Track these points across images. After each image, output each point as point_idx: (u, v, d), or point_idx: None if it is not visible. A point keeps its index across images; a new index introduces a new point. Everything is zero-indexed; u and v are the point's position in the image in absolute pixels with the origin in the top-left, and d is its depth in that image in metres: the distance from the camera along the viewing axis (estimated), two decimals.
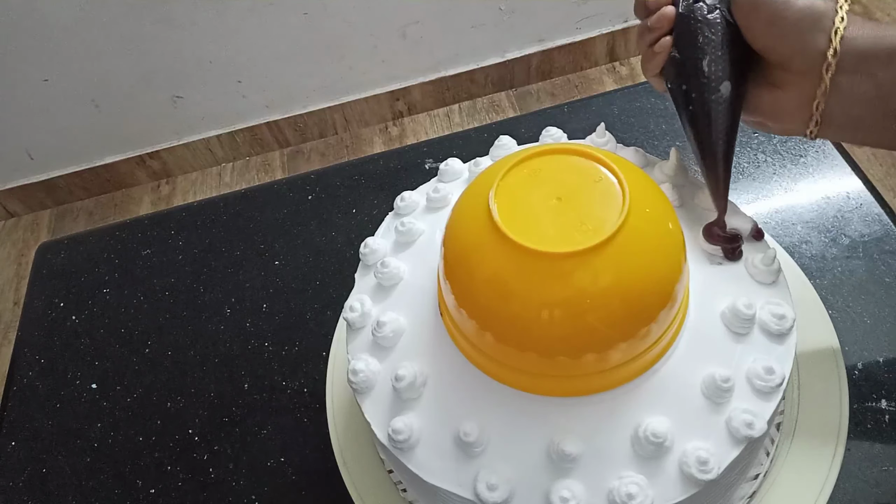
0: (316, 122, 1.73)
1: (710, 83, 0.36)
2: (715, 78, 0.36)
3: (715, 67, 0.35)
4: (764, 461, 0.44)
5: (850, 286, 0.54)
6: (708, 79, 0.36)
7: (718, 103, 0.36)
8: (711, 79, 0.36)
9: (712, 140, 0.37)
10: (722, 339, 0.38)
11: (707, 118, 0.36)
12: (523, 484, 0.35)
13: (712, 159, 0.38)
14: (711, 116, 0.36)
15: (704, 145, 0.37)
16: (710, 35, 0.35)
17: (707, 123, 0.37)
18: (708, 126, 0.37)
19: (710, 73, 0.36)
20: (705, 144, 0.37)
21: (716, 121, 0.36)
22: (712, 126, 0.36)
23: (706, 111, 0.36)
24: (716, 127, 0.36)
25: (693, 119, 0.37)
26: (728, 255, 0.40)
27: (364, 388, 0.39)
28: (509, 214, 0.34)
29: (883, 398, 0.48)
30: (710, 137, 0.37)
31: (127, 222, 0.71)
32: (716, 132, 0.36)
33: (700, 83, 0.36)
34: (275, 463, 0.53)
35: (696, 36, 0.36)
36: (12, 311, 1.57)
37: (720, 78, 0.36)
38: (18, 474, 0.55)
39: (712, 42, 0.35)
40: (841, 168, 0.62)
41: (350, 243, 0.64)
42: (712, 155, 0.37)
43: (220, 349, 0.60)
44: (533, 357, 0.35)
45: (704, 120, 0.37)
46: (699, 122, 0.37)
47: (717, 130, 0.36)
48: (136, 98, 1.58)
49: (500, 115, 1.73)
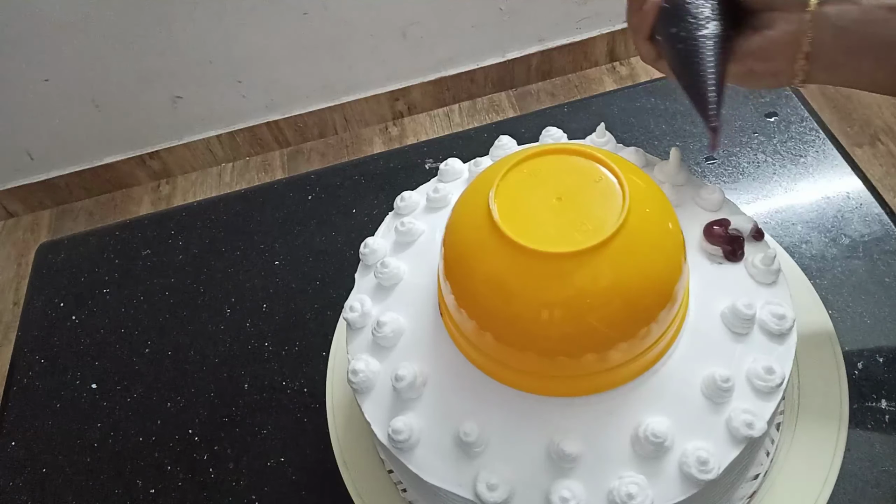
0: (316, 122, 1.73)
1: (698, 22, 0.37)
2: (703, 18, 0.37)
3: (703, 8, 0.37)
4: (764, 461, 0.44)
5: (850, 286, 0.54)
6: (696, 18, 0.37)
7: (707, 38, 0.37)
8: (700, 18, 0.37)
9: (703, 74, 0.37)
10: (722, 339, 0.38)
11: (697, 54, 0.38)
12: (523, 484, 0.34)
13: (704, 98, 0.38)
14: (701, 52, 0.37)
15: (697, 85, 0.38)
16: None
17: (697, 59, 0.38)
18: (698, 62, 0.38)
19: (699, 13, 0.37)
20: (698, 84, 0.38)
21: (705, 55, 0.37)
22: (702, 61, 0.37)
23: (696, 47, 0.37)
24: (705, 61, 0.37)
25: (683, 57, 0.38)
26: (729, 256, 0.41)
27: (364, 388, 0.39)
28: (509, 214, 0.34)
29: (883, 398, 0.48)
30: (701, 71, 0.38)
31: (127, 222, 0.71)
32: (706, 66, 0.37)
33: (689, 23, 0.38)
34: (275, 463, 0.53)
35: None
36: (12, 311, 1.57)
37: (708, 18, 0.37)
38: (18, 474, 0.55)
39: None
40: (841, 168, 0.62)
41: (350, 243, 0.64)
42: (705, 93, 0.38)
43: (220, 349, 0.60)
44: (533, 357, 0.35)
45: (694, 56, 0.38)
46: (689, 59, 0.38)
47: (707, 64, 0.37)
48: (136, 98, 1.58)
49: (500, 115, 1.73)
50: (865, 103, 1.60)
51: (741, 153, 0.64)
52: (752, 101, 0.68)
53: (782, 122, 0.66)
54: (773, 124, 0.66)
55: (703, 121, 0.38)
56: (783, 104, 0.67)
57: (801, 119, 0.66)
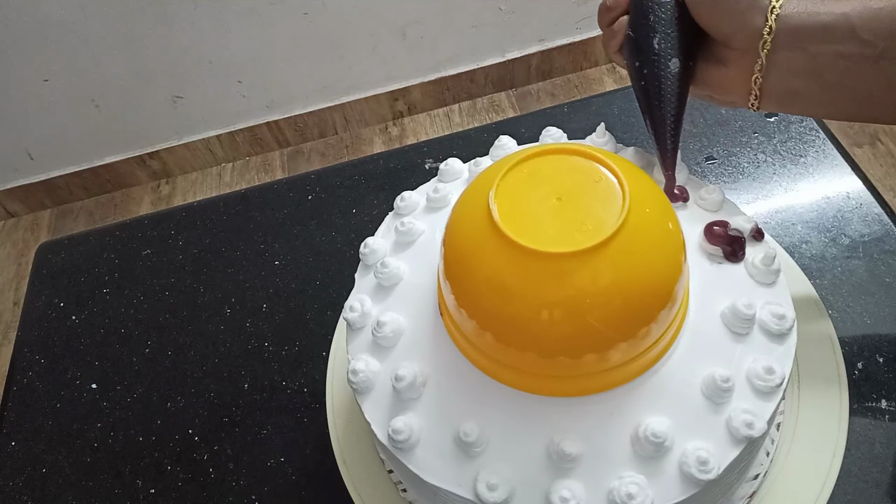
0: (316, 122, 1.73)
1: (659, 59, 0.38)
2: (664, 54, 0.38)
3: (665, 45, 0.38)
4: (764, 461, 0.44)
5: (850, 286, 0.54)
6: (658, 55, 0.38)
7: (667, 78, 0.38)
8: (661, 55, 0.38)
9: (662, 112, 0.39)
10: (722, 339, 0.38)
11: (658, 91, 0.39)
12: (523, 484, 0.34)
13: (661, 129, 0.40)
14: (661, 90, 0.39)
15: (655, 116, 0.40)
16: (661, 14, 0.38)
17: (658, 96, 0.39)
18: (658, 99, 0.39)
19: (660, 49, 0.38)
20: (655, 116, 0.40)
21: (665, 94, 0.39)
22: (662, 99, 0.39)
23: (657, 85, 0.39)
24: (665, 99, 0.39)
25: (645, 92, 0.40)
26: (730, 256, 0.40)
27: (364, 388, 0.39)
28: (509, 214, 0.34)
29: (883, 398, 0.48)
30: (660, 109, 0.39)
31: (127, 222, 0.71)
32: (665, 104, 0.39)
33: (651, 59, 0.39)
34: (275, 463, 0.53)
35: (648, 15, 0.38)
36: (12, 311, 1.57)
37: (669, 55, 0.38)
38: (18, 474, 0.55)
39: (662, 21, 0.38)
40: (841, 168, 0.62)
41: (350, 243, 0.64)
42: (662, 125, 0.40)
43: (220, 349, 0.60)
44: (533, 357, 0.35)
45: (655, 93, 0.39)
46: (650, 95, 0.39)
47: (667, 103, 0.39)
48: (136, 98, 1.58)
49: (500, 115, 1.73)
50: None
51: (741, 153, 0.64)
52: None
53: (782, 122, 0.66)
54: (773, 124, 0.66)
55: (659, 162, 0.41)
56: None
57: (801, 119, 0.66)
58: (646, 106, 0.40)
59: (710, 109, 0.68)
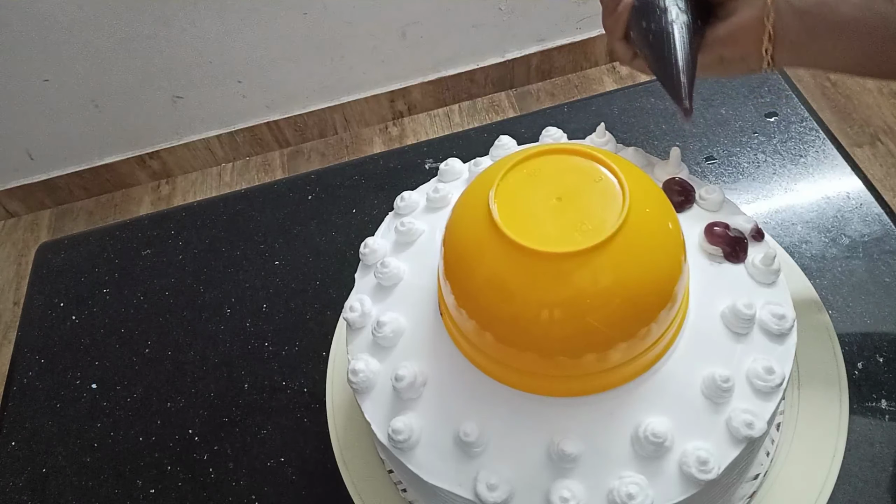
0: (316, 122, 1.73)
1: (667, 13, 0.39)
2: (672, 11, 0.39)
3: (670, 3, 0.39)
4: (764, 461, 0.44)
5: (850, 286, 0.54)
6: (665, 10, 0.39)
7: (675, 26, 0.39)
8: (668, 10, 0.39)
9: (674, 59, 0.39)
10: (722, 339, 0.38)
11: (668, 42, 0.39)
12: (523, 484, 0.34)
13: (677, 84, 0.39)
14: (671, 39, 0.39)
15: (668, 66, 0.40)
16: None
17: (668, 46, 0.39)
18: (669, 48, 0.39)
19: (668, 6, 0.39)
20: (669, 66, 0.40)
21: (675, 42, 0.39)
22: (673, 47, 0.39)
23: (666, 36, 0.39)
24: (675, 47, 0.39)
25: (655, 47, 0.40)
26: (730, 257, 0.40)
27: (364, 388, 0.39)
28: (509, 214, 0.34)
29: (883, 398, 0.48)
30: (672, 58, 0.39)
31: (127, 222, 0.71)
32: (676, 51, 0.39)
33: (658, 16, 0.40)
34: (275, 463, 0.53)
35: None
36: (12, 311, 1.57)
37: (677, 10, 0.39)
38: (18, 474, 0.55)
39: None
40: (841, 168, 0.62)
41: (350, 243, 0.64)
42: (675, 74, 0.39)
43: (220, 349, 0.60)
44: (533, 357, 0.35)
45: (665, 44, 0.39)
46: (661, 47, 0.40)
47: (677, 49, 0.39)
48: (136, 98, 1.58)
49: (500, 115, 1.73)
50: (865, 103, 1.60)
51: (741, 153, 0.64)
52: (752, 101, 0.68)
53: (782, 122, 0.66)
54: (773, 124, 0.66)
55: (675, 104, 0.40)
56: (783, 104, 0.67)
57: (801, 119, 0.66)
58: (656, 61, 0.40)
59: (710, 109, 0.68)
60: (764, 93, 0.68)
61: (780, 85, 0.69)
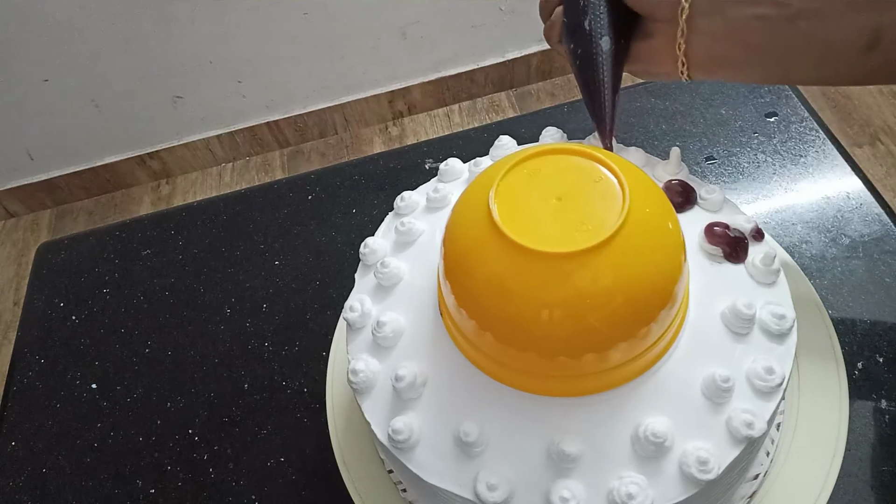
0: (316, 122, 1.73)
1: (592, 39, 0.40)
2: (596, 35, 0.40)
3: (596, 25, 0.40)
4: (764, 461, 0.44)
5: (850, 286, 0.54)
6: (591, 36, 0.40)
7: (600, 55, 0.40)
8: (593, 35, 0.40)
9: (599, 89, 0.41)
10: (722, 339, 0.38)
11: (593, 70, 0.41)
12: (523, 484, 0.34)
13: (599, 106, 0.42)
14: (596, 68, 0.41)
15: (592, 95, 0.42)
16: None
17: (593, 74, 0.41)
18: (594, 77, 0.41)
19: (592, 30, 0.40)
20: (593, 94, 0.42)
21: (600, 71, 0.41)
22: (598, 76, 0.41)
23: (591, 64, 0.41)
24: (600, 77, 0.41)
25: (582, 73, 0.42)
26: (731, 257, 0.40)
27: (364, 388, 0.39)
28: (509, 214, 0.34)
29: (883, 398, 0.48)
30: (597, 87, 0.41)
31: (127, 222, 0.71)
32: (601, 82, 0.41)
33: (584, 40, 0.41)
34: (275, 463, 0.53)
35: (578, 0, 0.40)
36: (12, 311, 1.57)
37: (600, 34, 0.40)
38: (18, 474, 0.55)
39: (592, 4, 0.40)
40: (841, 168, 0.62)
41: (350, 243, 0.64)
42: (599, 102, 0.42)
43: (220, 349, 0.60)
44: (533, 357, 0.35)
45: (591, 72, 0.41)
46: (587, 74, 0.41)
47: (602, 80, 0.41)
48: (136, 98, 1.58)
49: (500, 115, 1.73)
50: (866, 103, 1.60)
51: (741, 153, 0.64)
52: (752, 101, 0.68)
53: (782, 122, 0.66)
54: (773, 124, 0.66)
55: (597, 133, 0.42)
56: (783, 104, 0.67)
57: (801, 119, 0.66)
58: (583, 85, 0.42)
59: (710, 109, 0.68)
60: (764, 93, 0.68)
61: (779, 85, 0.69)
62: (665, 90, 0.71)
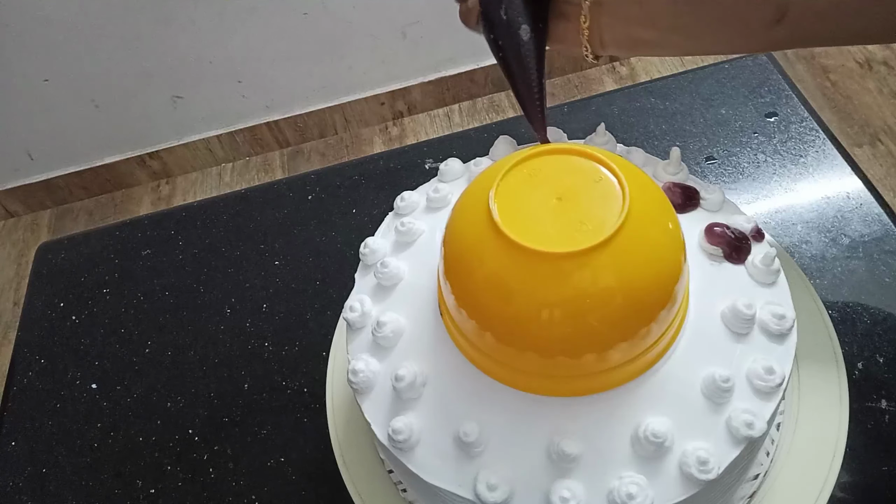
0: (316, 122, 1.73)
1: (510, 28, 0.40)
2: (514, 23, 0.40)
3: (512, 14, 0.40)
4: (764, 461, 0.44)
5: (850, 286, 0.54)
6: (508, 25, 0.40)
7: (521, 44, 0.40)
8: (511, 24, 0.40)
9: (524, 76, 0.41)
10: (722, 339, 0.38)
11: (515, 58, 0.41)
12: (523, 484, 0.34)
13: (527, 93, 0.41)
14: (518, 56, 0.41)
15: (518, 83, 0.41)
16: None
17: (516, 62, 0.41)
18: (517, 64, 0.41)
19: (509, 20, 0.40)
20: (518, 82, 0.41)
21: (522, 59, 0.41)
22: (521, 63, 0.41)
23: (513, 53, 0.41)
24: (523, 64, 0.41)
25: (504, 62, 0.42)
26: (732, 258, 0.40)
27: (364, 388, 0.39)
28: (509, 214, 0.34)
29: (883, 398, 0.48)
30: (522, 74, 0.41)
31: (127, 222, 0.71)
32: (525, 69, 0.41)
33: (503, 31, 0.40)
34: (275, 463, 0.53)
35: None
36: (12, 311, 1.57)
37: (518, 22, 0.40)
38: (18, 474, 0.55)
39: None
40: (841, 168, 0.62)
41: (350, 243, 0.64)
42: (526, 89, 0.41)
43: (220, 349, 0.60)
44: (533, 357, 0.35)
45: (514, 60, 0.41)
46: (509, 63, 0.41)
47: (525, 67, 0.41)
48: (136, 98, 1.58)
49: (500, 115, 1.73)
50: (865, 103, 1.60)
51: (741, 153, 0.64)
52: (752, 101, 0.68)
53: (782, 122, 0.66)
54: (773, 124, 0.66)
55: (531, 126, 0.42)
56: (783, 104, 0.67)
57: (801, 119, 0.66)
58: (508, 74, 0.42)
59: (710, 109, 0.68)
60: (764, 93, 0.68)
61: (780, 85, 0.69)
62: (665, 90, 0.71)
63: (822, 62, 1.69)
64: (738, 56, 0.73)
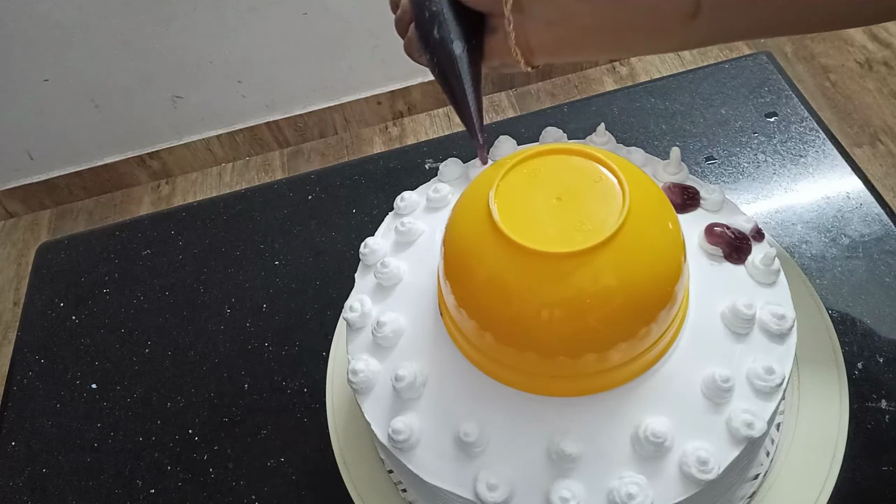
0: (316, 122, 1.73)
1: (444, 46, 0.41)
2: (447, 41, 0.41)
3: (444, 33, 0.41)
4: (764, 461, 0.44)
5: (850, 286, 0.54)
6: (441, 43, 0.41)
7: (454, 61, 0.41)
8: (444, 43, 0.41)
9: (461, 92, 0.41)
10: (722, 339, 0.38)
11: (453, 75, 0.41)
12: (523, 484, 0.35)
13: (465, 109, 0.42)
14: (454, 72, 0.41)
15: (457, 99, 0.42)
16: (434, 8, 0.41)
17: (454, 79, 0.41)
18: (455, 80, 0.41)
19: (442, 38, 0.41)
20: (458, 98, 0.42)
21: (459, 75, 0.41)
22: (457, 80, 0.41)
23: (449, 70, 0.41)
24: (460, 80, 0.41)
25: (443, 79, 0.42)
26: (732, 258, 0.40)
27: (364, 388, 0.39)
28: (509, 214, 0.34)
29: (883, 398, 0.48)
30: (460, 90, 0.42)
31: (127, 222, 0.71)
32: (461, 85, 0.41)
33: (437, 49, 0.41)
34: (275, 463, 0.53)
35: (424, 12, 0.41)
36: (12, 311, 1.57)
37: (450, 40, 0.41)
38: (18, 474, 0.55)
39: (436, 13, 0.41)
40: (841, 168, 0.62)
41: (350, 243, 0.64)
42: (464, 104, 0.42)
43: (220, 349, 0.60)
44: (533, 357, 0.35)
45: (451, 77, 0.41)
46: (447, 79, 0.42)
47: (462, 83, 0.41)
48: (136, 98, 1.58)
49: (500, 115, 1.73)
50: (866, 103, 1.60)
51: (741, 153, 0.64)
52: (752, 101, 0.68)
53: (782, 122, 0.66)
54: (773, 124, 0.66)
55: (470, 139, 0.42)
56: (783, 104, 0.67)
57: (801, 119, 0.66)
58: (446, 90, 0.43)
59: (710, 109, 0.68)
60: (764, 93, 0.68)
61: (780, 85, 0.69)
62: (665, 90, 0.71)
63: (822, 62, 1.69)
64: (738, 56, 0.73)
